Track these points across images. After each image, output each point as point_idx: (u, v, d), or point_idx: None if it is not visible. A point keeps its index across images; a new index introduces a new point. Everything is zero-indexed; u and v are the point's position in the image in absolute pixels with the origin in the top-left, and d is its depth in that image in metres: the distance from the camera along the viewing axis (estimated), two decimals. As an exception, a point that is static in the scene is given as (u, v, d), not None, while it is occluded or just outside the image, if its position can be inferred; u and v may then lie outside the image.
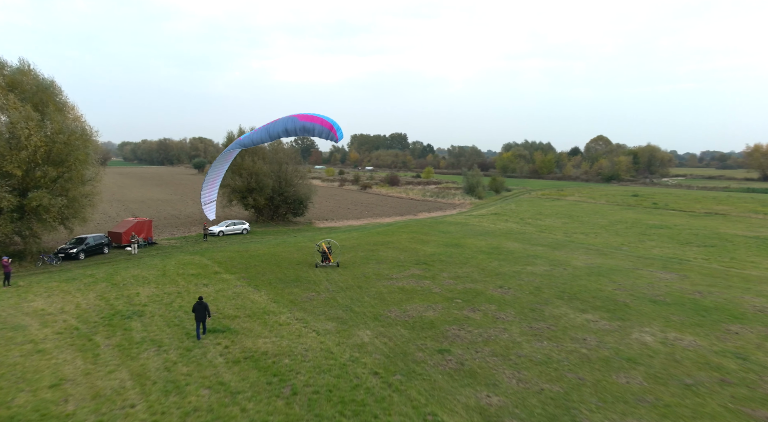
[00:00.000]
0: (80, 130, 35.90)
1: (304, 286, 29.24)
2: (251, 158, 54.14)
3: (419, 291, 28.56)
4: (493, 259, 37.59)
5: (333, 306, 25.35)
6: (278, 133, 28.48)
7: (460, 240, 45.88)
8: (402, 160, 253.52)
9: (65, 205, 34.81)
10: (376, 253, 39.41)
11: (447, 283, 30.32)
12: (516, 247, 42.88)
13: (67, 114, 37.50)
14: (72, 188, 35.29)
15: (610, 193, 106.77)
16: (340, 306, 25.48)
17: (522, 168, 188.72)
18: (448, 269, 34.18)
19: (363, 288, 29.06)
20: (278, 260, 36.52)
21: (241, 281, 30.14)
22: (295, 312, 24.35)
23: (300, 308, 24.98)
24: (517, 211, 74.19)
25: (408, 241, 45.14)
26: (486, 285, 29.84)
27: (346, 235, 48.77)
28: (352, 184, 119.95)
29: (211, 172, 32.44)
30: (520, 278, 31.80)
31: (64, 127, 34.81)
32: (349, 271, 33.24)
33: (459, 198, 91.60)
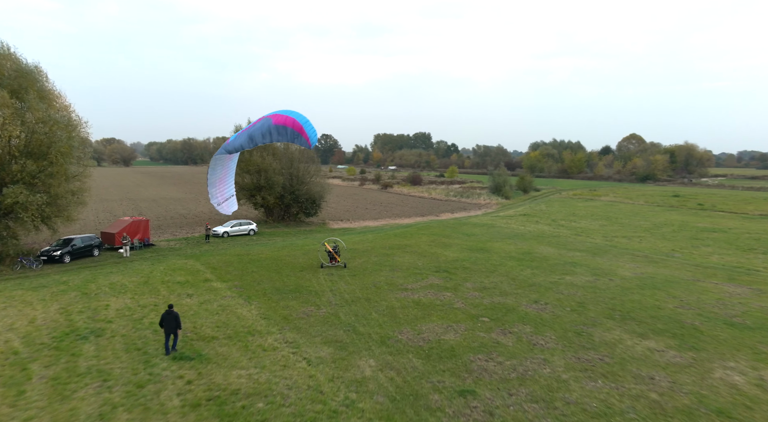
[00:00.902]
0: (64, 119, 32.38)
1: (303, 298, 24.99)
2: (260, 154, 50.28)
3: (438, 306, 24.01)
4: (524, 267, 32.75)
5: (333, 325, 21.02)
6: (257, 139, 25.02)
7: (486, 244, 41.08)
8: (426, 160, 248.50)
9: (46, 203, 31.33)
10: (390, 258, 34.96)
11: (471, 296, 25.70)
12: (550, 253, 37.88)
13: (54, 102, 34.11)
14: (55, 184, 31.80)
15: (647, 193, 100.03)
16: (342, 324, 21.13)
17: (550, 167, 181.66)
18: (472, 278, 29.52)
19: (372, 301, 24.66)
20: (280, 265, 32.40)
21: (233, 291, 26.07)
22: (287, 332, 20.08)
23: (293, 327, 20.71)
24: (548, 211, 68.78)
25: (427, 245, 40.55)
26: (518, 300, 25.12)
27: (360, 237, 44.46)
28: (372, 184, 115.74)
29: (215, 171, 28.97)
30: (559, 290, 26.95)
31: (46, 117, 31.34)
32: (359, 280, 28.89)
33: (484, 198, 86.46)
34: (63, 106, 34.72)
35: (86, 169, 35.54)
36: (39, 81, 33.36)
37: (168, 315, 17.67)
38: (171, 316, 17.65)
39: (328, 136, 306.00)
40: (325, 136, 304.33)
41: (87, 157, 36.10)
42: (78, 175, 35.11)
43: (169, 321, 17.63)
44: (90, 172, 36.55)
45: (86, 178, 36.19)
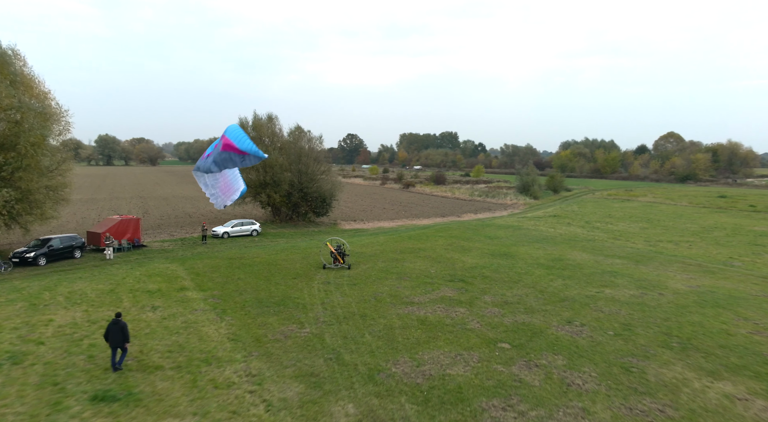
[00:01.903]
0: (38, 107, 29.12)
1: (287, 313, 20.92)
2: (264, 148, 46.55)
3: (448, 326, 19.60)
4: (555, 276, 28.00)
5: (314, 351, 16.86)
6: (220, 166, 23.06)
7: (510, 249, 36.34)
8: (452, 159, 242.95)
9: (16, 199, 28.14)
10: (400, 264, 30.65)
11: (489, 313, 21.20)
12: (585, 259, 32.94)
13: (33, 88, 30.99)
14: (26, 178, 28.56)
15: (689, 193, 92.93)
16: (325, 350, 16.96)
17: (582, 167, 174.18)
18: (492, 289, 24.99)
19: (368, 318, 20.42)
20: (273, 271, 28.46)
21: (207, 303, 22.19)
22: (254, 360, 16.02)
23: (264, 352, 16.63)
24: (580, 212, 63.30)
25: (444, 249, 36.05)
26: (547, 319, 20.51)
27: (370, 240, 40.26)
28: (394, 183, 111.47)
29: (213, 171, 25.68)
30: (597, 307, 22.19)
31: (16, 103, 28.16)
32: (358, 290, 24.70)
33: (511, 198, 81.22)
34: (42, 93, 31.61)
35: (65, 163, 32.25)
36: (13, 64, 30.23)
37: (113, 326, 15.05)
38: (117, 327, 15.04)
39: (354, 136, 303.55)
40: (350, 135, 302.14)
41: (67, 149, 32.84)
42: (58, 169, 31.90)
43: (114, 333, 15.00)
44: (71, 165, 33.28)
45: (67, 173, 32.97)
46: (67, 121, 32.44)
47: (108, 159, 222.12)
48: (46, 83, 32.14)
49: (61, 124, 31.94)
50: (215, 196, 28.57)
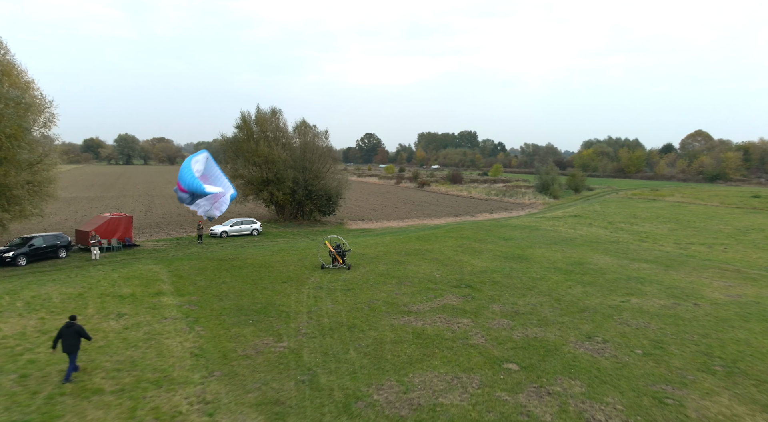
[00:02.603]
0: (16, 96, 27.25)
1: (266, 323, 18.50)
2: (267, 142, 44.38)
3: (447, 340, 16.95)
4: (574, 282, 25.10)
5: (286, 370, 14.38)
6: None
7: (525, 251, 33.42)
8: (470, 159, 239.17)
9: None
10: (402, 267, 28.05)
11: (497, 325, 18.48)
12: (608, 263, 29.90)
13: (14, 77, 29.18)
14: (1, 173, 26.66)
15: (720, 193, 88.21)
16: (300, 369, 14.47)
17: (605, 166, 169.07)
18: (502, 297, 22.23)
19: (357, 330, 17.88)
20: (263, 274, 26.12)
21: (182, 310, 19.90)
22: (213, 381, 13.60)
23: (228, 372, 14.21)
24: (603, 212, 59.80)
25: (453, 250, 33.32)
26: (563, 333, 17.71)
27: (375, 240, 37.71)
28: (409, 182, 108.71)
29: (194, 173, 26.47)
30: (623, 320, 19.29)
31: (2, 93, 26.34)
32: (352, 296, 22.19)
33: (529, 197, 77.86)
34: (24, 82, 29.80)
35: (49, 157, 30.35)
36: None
37: (67, 330, 13.58)
38: (71, 331, 13.57)
39: (371, 136, 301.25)
40: (368, 135, 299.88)
41: (51, 142, 30.97)
42: (42, 164, 30.04)
43: (69, 338, 13.51)
44: (56, 160, 31.39)
45: (52, 167, 31.11)
46: (51, 112, 30.66)
47: (127, 158, 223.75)
48: (29, 72, 30.16)
49: (44, 116, 30.10)
50: (199, 206, 27.38)
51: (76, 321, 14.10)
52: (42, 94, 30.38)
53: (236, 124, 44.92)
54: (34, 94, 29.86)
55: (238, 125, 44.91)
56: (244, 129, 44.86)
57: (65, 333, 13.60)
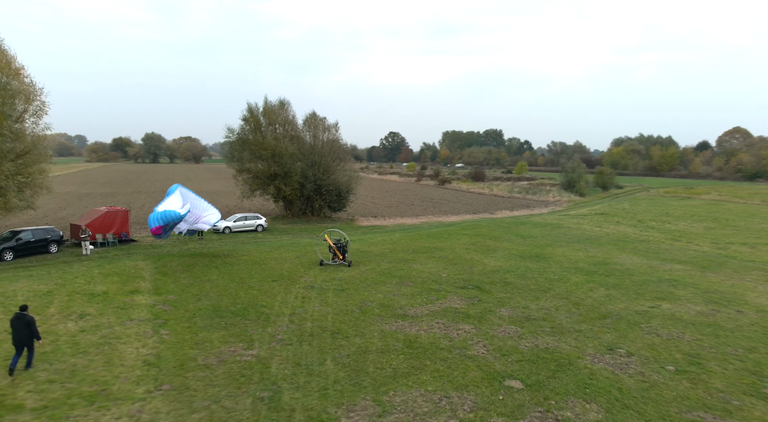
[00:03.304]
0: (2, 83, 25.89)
1: (241, 326, 16.46)
2: (273, 134, 42.51)
3: (443, 350, 14.61)
4: (596, 284, 22.39)
5: (246, 384, 12.28)
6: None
7: (544, 250, 30.70)
8: (495, 157, 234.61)
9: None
10: (407, 266, 25.74)
11: (503, 333, 16.04)
12: (636, 264, 27.00)
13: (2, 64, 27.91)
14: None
15: (761, 191, 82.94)
16: (263, 383, 12.34)
17: (636, 164, 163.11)
18: (513, 300, 19.72)
19: (341, 336, 15.69)
20: (254, 271, 24.15)
21: (153, 310, 18.03)
22: (157, 398, 11.58)
23: (179, 386, 12.17)
24: (632, 210, 56.22)
25: (465, 249, 30.81)
26: (580, 343, 15.17)
27: (383, 237, 35.46)
28: (430, 179, 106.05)
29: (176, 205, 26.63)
30: (651, 328, 16.61)
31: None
32: (345, 297, 20.01)
33: (554, 194, 74.43)
34: (14, 70, 28.48)
35: (37, 147, 28.98)
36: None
37: (17, 322, 12.56)
38: (21, 322, 12.54)
39: (396, 134, 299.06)
40: (392, 134, 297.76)
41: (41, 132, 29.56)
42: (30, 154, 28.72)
43: (19, 330, 12.51)
44: (45, 149, 30.02)
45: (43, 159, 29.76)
46: (42, 101, 29.26)
47: (154, 157, 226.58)
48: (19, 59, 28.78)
49: (34, 105, 28.77)
50: (180, 228, 26.55)
51: (28, 311, 12.88)
52: (32, 82, 29.07)
53: (243, 115, 43.18)
54: (24, 82, 28.53)
55: (244, 117, 43.18)
56: (251, 120, 43.11)
57: (15, 324, 12.51)
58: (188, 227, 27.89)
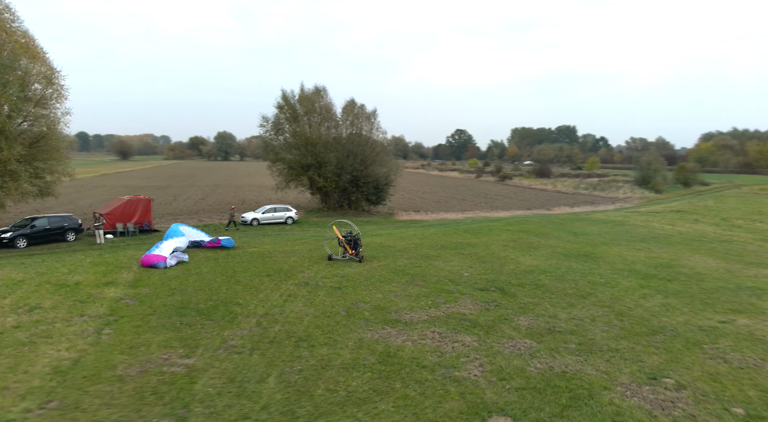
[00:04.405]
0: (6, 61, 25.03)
1: (198, 326, 14.02)
2: (307, 118, 40.31)
3: (425, 368, 11.39)
4: (652, 290, 18.06)
5: (150, 406, 9.71)
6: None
7: (596, 249, 26.27)
8: (567, 154, 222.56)
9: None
10: (427, 263, 22.46)
11: (511, 349, 12.53)
12: (711, 267, 22.11)
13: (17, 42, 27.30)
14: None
15: None
16: (172, 405, 9.73)
17: (727, 161, 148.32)
18: (539, 307, 16.00)
19: (307, 343, 12.85)
20: (252, 265, 21.84)
21: (116, 304, 16.03)
22: (32, 419, 9.23)
23: (68, 404, 9.80)
24: (716, 208, 49.23)
25: (501, 245, 26.98)
26: (614, 367, 11.41)
27: (417, 232, 32.23)
28: (491, 176, 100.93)
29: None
30: (718, 351, 12.44)
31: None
32: (338, 297, 17.15)
33: (625, 191, 67.66)
34: (34, 53, 27.97)
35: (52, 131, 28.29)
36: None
37: None
38: None
39: (462, 132, 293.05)
40: (458, 131, 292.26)
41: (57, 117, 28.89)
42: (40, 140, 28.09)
43: None
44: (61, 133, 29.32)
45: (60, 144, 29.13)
46: (59, 84, 28.58)
47: (225, 155, 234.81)
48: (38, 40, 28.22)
49: (51, 88, 28.13)
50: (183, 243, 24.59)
51: None
52: (51, 67, 28.45)
53: (277, 103, 41.37)
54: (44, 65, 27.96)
55: (278, 104, 41.36)
56: (286, 108, 41.24)
57: None
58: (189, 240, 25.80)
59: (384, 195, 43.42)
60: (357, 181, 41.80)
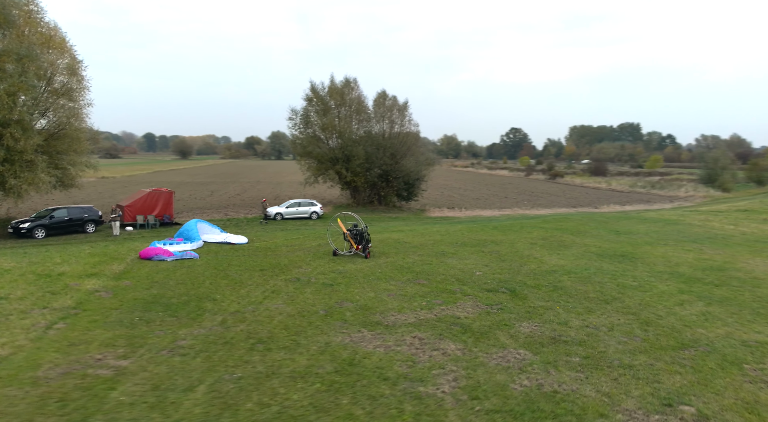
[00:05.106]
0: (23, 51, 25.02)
1: (158, 324, 12.84)
2: (337, 109, 39.00)
3: (384, 381, 9.61)
4: (693, 296, 15.35)
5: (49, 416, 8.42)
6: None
7: (637, 249, 23.35)
8: (629, 153, 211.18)
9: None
10: (440, 260, 20.53)
11: (500, 360, 10.53)
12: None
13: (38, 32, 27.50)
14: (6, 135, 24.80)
15: None
16: (71, 418, 8.38)
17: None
18: (549, 311, 13.80)
19: (263, 346, 11.35)
20: (249, 259, 20.70)
21: (88, 296, 15.18)
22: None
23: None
24: (790, 207, 43.98)
25: (529, 243, 24.55)
26: (619, 389, 9.16)
27: (439, 228, 30.19)
28: (542, 174, 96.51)
29: None
30: (761, 374, 9.86)
31: (9, 47, 24.72)
32: (326, 293, 15.62)
33: (687, 189, 62.34)
34: (57, 44, 28.13)
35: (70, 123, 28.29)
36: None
37: None
38: None
39: (517, 130, 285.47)
40: (513, 130, 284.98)
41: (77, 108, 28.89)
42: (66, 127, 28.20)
43: None
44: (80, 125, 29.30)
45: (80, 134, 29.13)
46: (81, 75, 28.62)
47: (278, 154, 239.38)
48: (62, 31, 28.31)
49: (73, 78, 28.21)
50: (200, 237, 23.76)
51: None
52: (73, 57, 28.54)
53: (305, 95, 40.36)
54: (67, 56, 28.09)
55: (307, 96, 40.33)
56: (314, 101, 40.16)
57: None
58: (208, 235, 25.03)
59: (415, 190, 41.51)
60: (387, 175, 40.13)
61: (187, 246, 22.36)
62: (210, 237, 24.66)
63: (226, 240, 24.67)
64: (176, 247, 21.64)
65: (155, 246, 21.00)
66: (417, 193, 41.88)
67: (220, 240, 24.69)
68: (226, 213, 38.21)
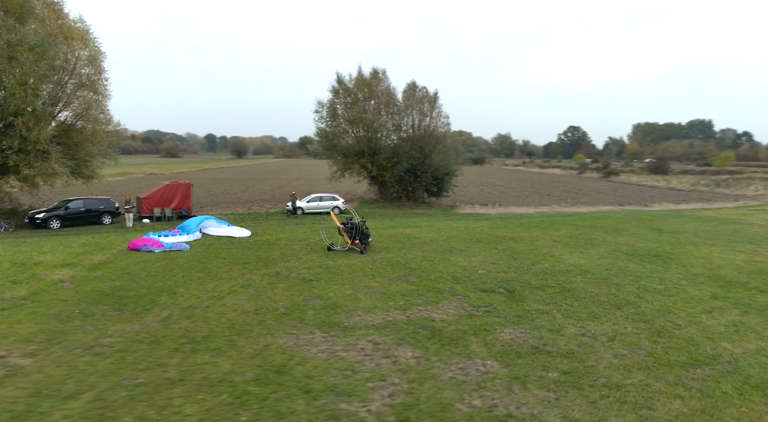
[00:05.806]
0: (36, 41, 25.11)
1: (98, 319, 11.76)
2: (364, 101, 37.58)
3: (305, 395, 7.97)
4: (727, 303, 12.73)
5: None
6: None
7: (676, 249, 20.44)
8: (699, 151, 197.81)
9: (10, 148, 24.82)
10: (444, 257, 18.65)
11: (458, 374, 8.62)
12: (837, 276, 15.70)
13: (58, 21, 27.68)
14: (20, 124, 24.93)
15: None
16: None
17: None
18: (544, 316, 11.73)
19: (192, 347, 9.98)
20: (238, 253, 19.56)
21: (48, 286, 14.44)
22: None
23: None
24: None
25: (551, 241, 22.11)
26: (597, 416, 7.05)
27: (459, 224, 28.13)
28: (596, 172, 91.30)
29: None
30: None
31: (25, 37, 24.93)
32: (298, 290, 14.17)
33: (756, 188, 56.55)
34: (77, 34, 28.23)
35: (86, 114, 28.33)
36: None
37: None
38: None
39: (576, 129, 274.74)
40: (571, 128, 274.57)
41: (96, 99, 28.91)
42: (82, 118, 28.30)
43: None
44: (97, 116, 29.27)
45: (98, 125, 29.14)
46: (100, 66, 28.64)
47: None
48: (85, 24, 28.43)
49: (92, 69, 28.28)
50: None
51: None
52: (97, 48, 28.60)
53: (331, 87, 39.14)
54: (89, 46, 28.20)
55: (333, 88, 39.11)
56: (341, 92, 38.93)
57: None
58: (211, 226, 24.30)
59: (445, 186, 39.40)
60: (415, 170, 38.28)
61: (183, 237, 21.56)
62: (212, 231, 23.84)
63: (228, 233, 23.75)
64: (169, 239, 20.86)
65: (147, 237, 20.28)
66: (447, 188, 39.76)
67: (221, 233, 23.80)
68: (250, 208, 37.66)
